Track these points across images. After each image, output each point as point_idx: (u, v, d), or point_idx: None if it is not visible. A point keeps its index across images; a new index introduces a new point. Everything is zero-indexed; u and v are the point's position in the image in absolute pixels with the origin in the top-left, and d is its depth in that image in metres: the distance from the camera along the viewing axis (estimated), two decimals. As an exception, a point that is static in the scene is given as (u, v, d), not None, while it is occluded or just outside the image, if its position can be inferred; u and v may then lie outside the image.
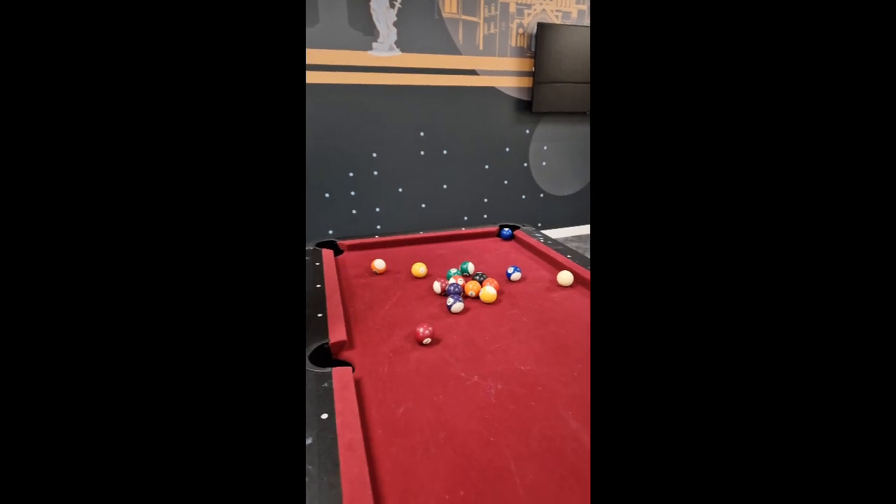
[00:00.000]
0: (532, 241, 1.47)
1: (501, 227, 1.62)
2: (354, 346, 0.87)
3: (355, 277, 1.22)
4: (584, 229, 4.03)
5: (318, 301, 1.00)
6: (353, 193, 3.02)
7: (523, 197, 3.64)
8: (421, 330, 0.87)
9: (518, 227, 1.61)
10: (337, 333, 0.86)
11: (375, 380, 0.77)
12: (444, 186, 3.32)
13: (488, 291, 1.05)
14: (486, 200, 3.51)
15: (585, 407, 0.70)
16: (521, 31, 3.13)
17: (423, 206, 3.27)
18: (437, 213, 3.37)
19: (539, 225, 3.77)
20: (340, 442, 0.59)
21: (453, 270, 1.17)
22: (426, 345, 0.87)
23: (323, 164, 2.89)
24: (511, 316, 1.00)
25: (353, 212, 3.06)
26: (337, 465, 0.55)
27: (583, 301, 1.08)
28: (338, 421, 0.62)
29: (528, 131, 3.45)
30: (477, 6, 2.96)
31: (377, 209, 3.12)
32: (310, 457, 0.56)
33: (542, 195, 3.71)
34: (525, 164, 3.55)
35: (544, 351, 0.86)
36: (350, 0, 2.65)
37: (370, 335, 0.92)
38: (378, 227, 3.19)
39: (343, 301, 1.04)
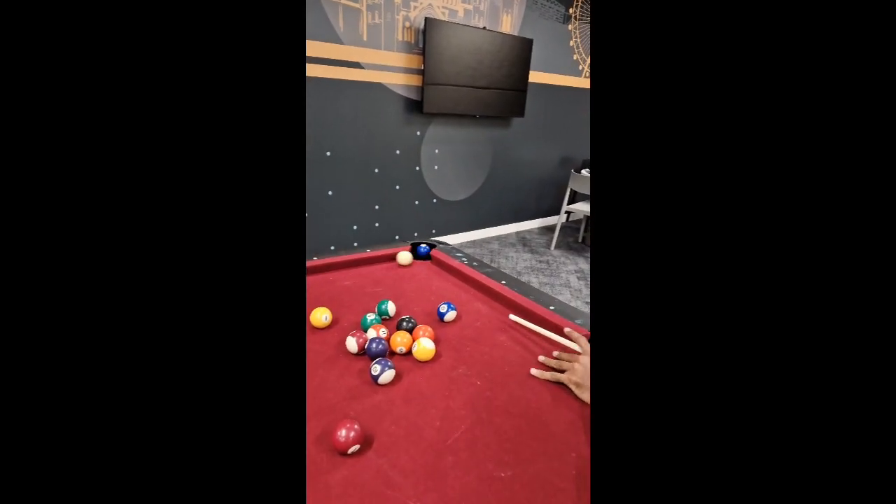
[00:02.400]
0: (453, 262, 1.24)
1: (414, 245, 1.36)
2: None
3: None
4: (479, 234, 3.98)
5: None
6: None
7: (416, 203, 3.43)
8: (342, 434, 0.56)
9: (434, 246, 1.36)
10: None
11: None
12: (330, 192, 2.93)
13: (425, 346, 0.78)
14: (376, 207, 3.20)
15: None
16: (407, 24, 2.90)
17: (306, 214, 2.83)
18: (323, 222, 2.97)
19: (434, 231, 3.59)
20: None
21: (370, 317, 0.87)
22: (352, 454, 0.57)
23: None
24: (460, 379, 0.75)
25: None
26: None
27: (536, 342, 0.87)
28: None
29: (418, 133, 3.24)
30: (359, -10, 2.65)
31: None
32: None
33: (435, 200, 3.53)
34: (417, 168, 3.33)
35: (520, 435, 0.63)
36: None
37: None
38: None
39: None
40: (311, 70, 2.57)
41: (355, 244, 3.13)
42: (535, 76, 3.73)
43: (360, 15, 2.68)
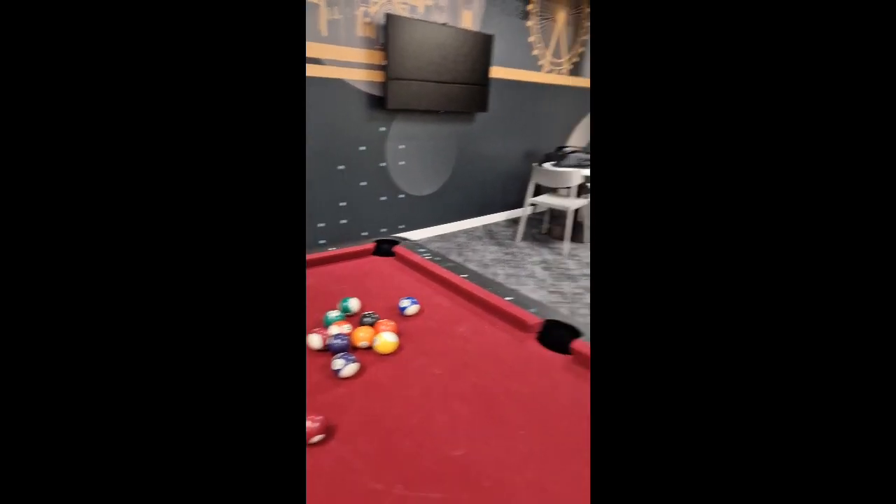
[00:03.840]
0: (415, 258, 1.27)
1: (378, 242, 1.39)
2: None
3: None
4: (446, 228, 4.02)
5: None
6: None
7: (383, 199, 3.43)
8: (307, 425, 0.60)
9: (397, 242, 1.40)
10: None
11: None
12: (294, 191, 2.89)
13: (386, 339, 0.82)
14: (342, 204, 3.19)
15: (555, 500, 0.54)
16: (367, 20, 2.89)
17: (270, 214, 2.79)
18: (288, 221, 2.92)
19: (402, 227, 3.61)
20: None
21: (332, 314, 0.90)
22: (316, 444, 0.61)
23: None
24: (420, 369, 0.79)
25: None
26: None
27: (492, 332, 0.93)
28: None
29: (383, 129, 3.24)
30: (317, -15, 2.62)
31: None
32: None
33: (401, 196, 3.55)
34: (383, 164, 3.34)
35: (474, 417, 0.68)
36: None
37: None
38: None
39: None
40: (270, 66, 2.53)
41: (321, 242, 3.11)
42: (496, 71, 3.79)
43: (319, 10, 2.65)
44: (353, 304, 0.96)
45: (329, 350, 0.81)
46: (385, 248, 1.37)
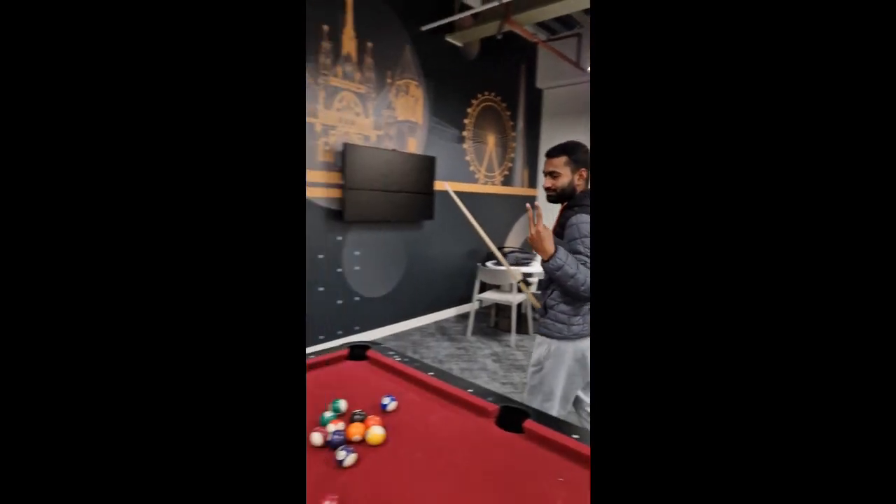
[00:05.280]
0: (387, 360, 1.48)
1: (351, 347, 1.58)
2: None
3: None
4: (400, 326, 4.20)
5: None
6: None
7: (339, 302, 3.61)
8: (326, 504, 0.76)
9: (369, 347, 1.60)
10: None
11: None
12: (255, 299, 3.01)
13: (376, 432, 1.00)
14: (301, 309, 3.32)
15: (515, 541, 0.73)
16: (327, 147, 3.33)
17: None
18: (247, 329, 2.99)
19: (357, 328, 3.75)
20: None
21: (327, 414, 1.07)
22: (333, 520, 0.76)
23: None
24: (405, 455, 0.97)
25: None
26: None
27: (458, 419, 1.13)
28: None
29: (339, 238, 3.54)
30: (284, 123, 3.04)
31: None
32: None
33: (357, 298, 3.75)
34: (339, 270, 3.58)
35: (452, 489, 0.86)
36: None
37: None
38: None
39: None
40: (239, 189, 2.82)
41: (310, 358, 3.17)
42: (439, 185, 4.34)
43: (285, 141, 3.06)
44: (342, 404, 1.14)
45: (329, 445, 0.97)
46: (358, 353, 1.56)
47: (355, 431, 1.01)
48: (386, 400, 1.17)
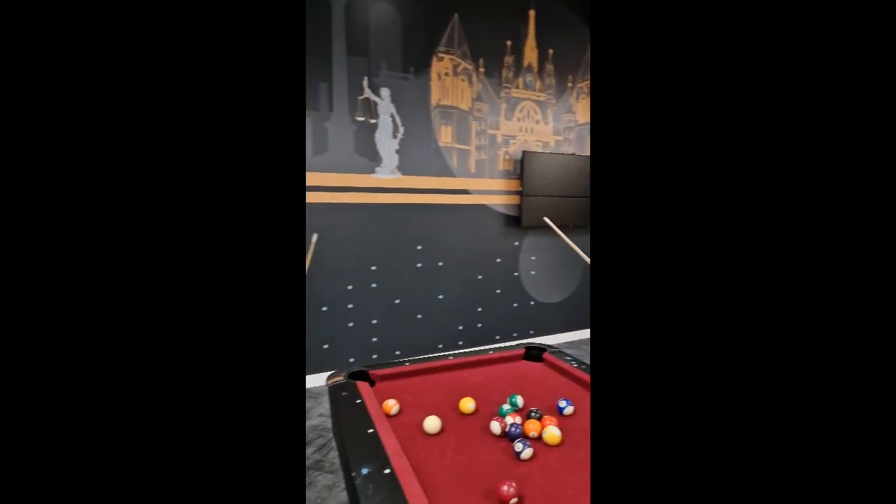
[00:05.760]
0: (564, 364, 1.47)
1: (527, 348, 1.62)
2: (432, 510, 0.80)
3: (396, 416, 1.15)
4: (577, 335, 4.07)
5: (376, 453, 0.92)
6: (350, 306, 2.99)
7: (515, 305, 3.70)
8: (505, 489, 0.81)
9: (545, 349, 1.61)
10: (417, 501, 0.79)
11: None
12: (440, 297, 3.34)
13: (553, 433, 1.02)
14: (479, 310, 3.54)
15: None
16: (507, 157, 3.47)
17: (419, 316, 3.25)
18: (432, 323, 3.35)
19: (532, 332, 3.78)
20: None
21: (506, 407, 1.14)
22: (510, 504, 0.81)
23: (322, 278, 2.88)
24: (583, 460, 0.96)
25: (350, 324, 2.99)
26: None
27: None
28: None
29: (516, 243, 3.64)
30: (469, 137, 3.30)
31: (374, 321, 3.07)
32: None
33: (532, 303, 3.78)
34: (516, 274, 3.67)
35: None
36: (357, 132, 2.89)
37: (445, 495, 0.84)
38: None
39: (405, 450, 0.97)
40: (430, 199, 3.18)
41: (460, 343, 3.44)
42: (622, 188, 4.05)
43: (470, 154, 3.31)
44: (519, 400, 1.18)
45: (507, 436, 1.03)
46: (534, 354, 1.59)
47: (532, 428, 1.04)
48: (563, 403, 1.17)
